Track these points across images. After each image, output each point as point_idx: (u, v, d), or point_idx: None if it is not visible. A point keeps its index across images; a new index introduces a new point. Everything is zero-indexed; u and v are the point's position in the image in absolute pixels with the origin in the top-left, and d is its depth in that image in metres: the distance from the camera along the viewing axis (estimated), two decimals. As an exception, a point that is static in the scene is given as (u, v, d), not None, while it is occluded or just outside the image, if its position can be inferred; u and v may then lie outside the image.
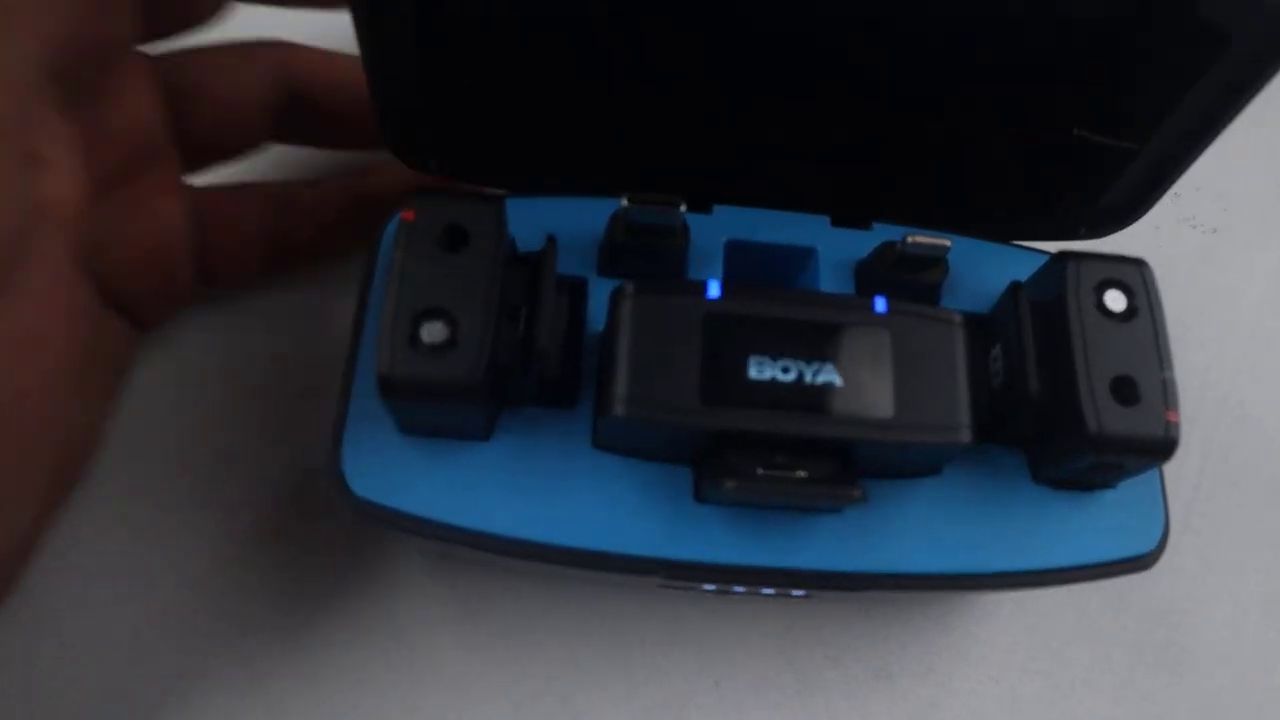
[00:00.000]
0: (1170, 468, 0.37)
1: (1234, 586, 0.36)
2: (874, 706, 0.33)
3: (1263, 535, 0.37)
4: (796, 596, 0.30)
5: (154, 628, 0.31)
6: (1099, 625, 0.34)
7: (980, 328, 0.27)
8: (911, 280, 0.27)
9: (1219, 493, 0.37)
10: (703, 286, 0.23)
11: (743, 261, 0.28)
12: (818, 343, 0.23)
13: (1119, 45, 0.25)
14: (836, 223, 0.29)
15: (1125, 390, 0.24)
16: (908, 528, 0.25)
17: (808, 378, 0.23)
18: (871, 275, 0.27)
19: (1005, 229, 0.30)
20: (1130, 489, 0.27)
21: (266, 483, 0.33)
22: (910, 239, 0.26)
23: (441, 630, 0.32)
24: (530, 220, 0.27)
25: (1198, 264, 0.42)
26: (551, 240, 0.24)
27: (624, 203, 0.25)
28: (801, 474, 0.23)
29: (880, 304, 0.24)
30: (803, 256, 0.28)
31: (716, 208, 0.28)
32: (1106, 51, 0.26)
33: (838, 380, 0.23)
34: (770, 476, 0.23)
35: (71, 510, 0.30)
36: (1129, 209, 0.29)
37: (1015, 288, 0.26)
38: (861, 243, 0.28)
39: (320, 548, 0.33)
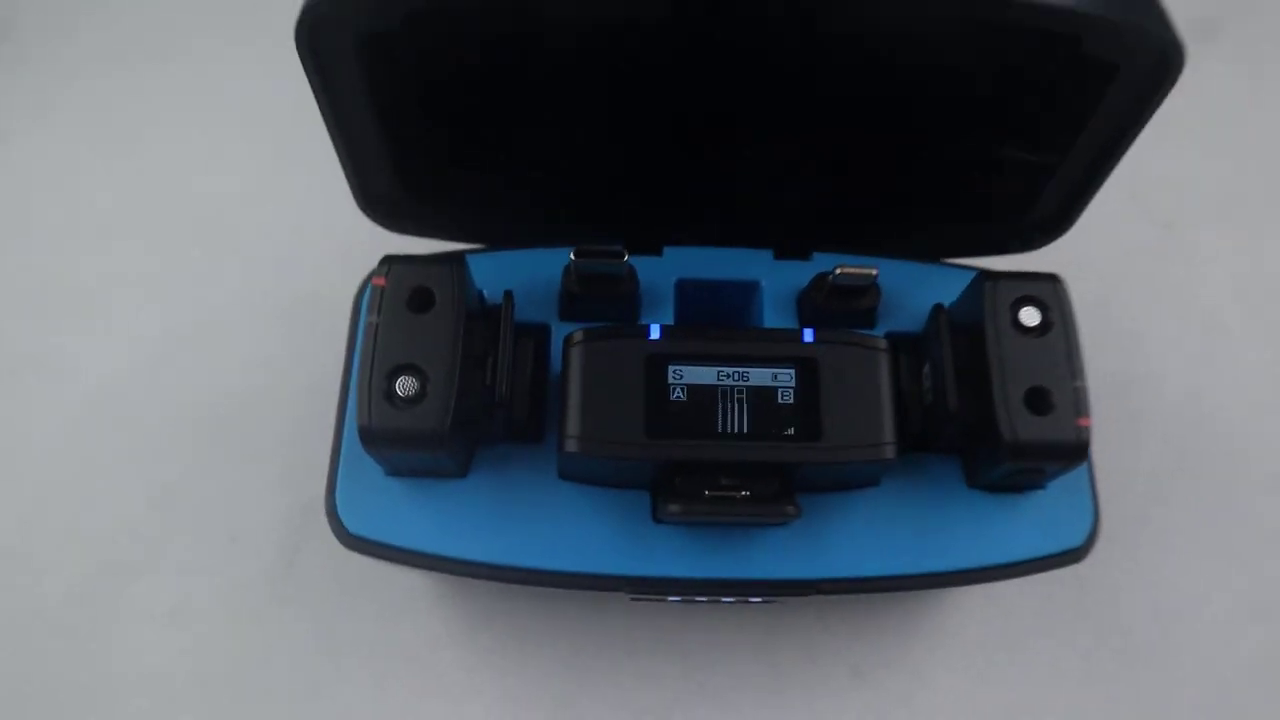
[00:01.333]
0: (1127, 461, 0.40)
1: (1190, 573, 0.37)
2: (851, 701, 0.35)
3: (1218, 524, 0.38)
4: (756, 603, 0.33)
5: (186, 651, 0.35)
6: (1061, 616, 0.36)
7: (914, 347, 0.29)
8: (847, 307, 0.30)
9: (1177, 484, 0.39)
10: (645, 330, 0.26)
11: (693, 298, 0.31)
12: (751, 375, 0.26)
13: (1027, 78, 0.27)
14: (779, 256, 0.31)
15: (1039, 400, 0.26)
16: (850, 535, 0.28)
17: (743, 408, 0.26)
18: (811, 304, 0.30)
19: (941, 248, 0.32)
20: (1059, 488, 0.29)
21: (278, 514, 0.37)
22: (839, 270, 0.28)
23: (444, 644, 0.35)
24: (496, 273, 0.29)
25: (1154, 258, 0.44)
26: (508, 296, 0.27)
27: (572, 256, 0.27)
28: (745, 494, 0.26)
29: (808, 335, 0.26)
30: (748, 290, 0.31)
31: (667, 249, 0.31)
32: (1018, 83, 0.28)
33: (771, 408, 0.26)
34: (714, 498, 0.25)
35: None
36: (1056, 222, 0.31)
37: (937, 309, 0.28)
38: (803, 273, 0.31)
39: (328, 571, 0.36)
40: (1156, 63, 0.25)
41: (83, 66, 0.48)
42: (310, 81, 0.25)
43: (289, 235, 0.42)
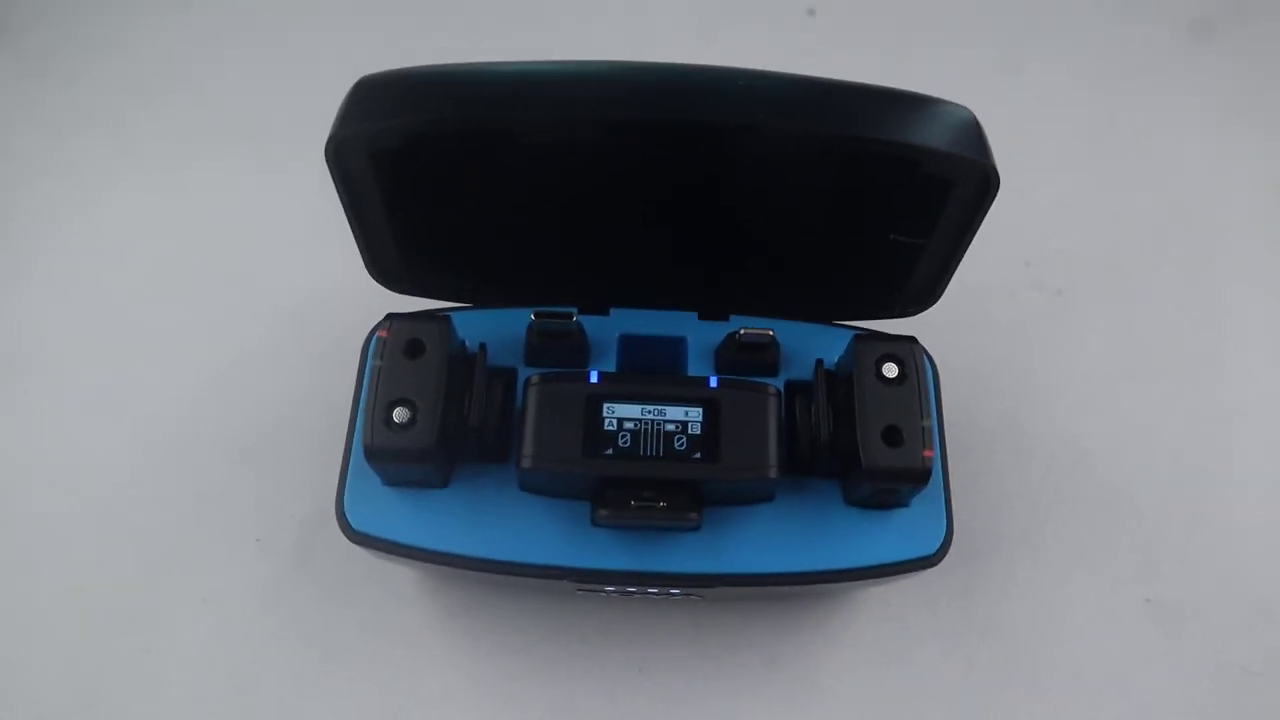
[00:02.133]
0: (1015, 491, 0.47)
1: (1063, 586, 0.44)
2: (766, 686, 0.42)
3: (1088, 543, 0.45)
4: (676, 595, 0.40)
5: (218, 630, 0.42)
6: (947, 616, 0.43)
7: (808, 391, 0.37)
8: (753, 360, 0.37)
9: (1055, 511, 0.46)
10: (586, 375, 0.34)
11: (633, 350, 0.38)
12: (667, 411, 0.33)
13: (885, 186, 0.35)
14: (703, 317, 0.39)
15: (893, 436, 0.34)
16: (749, 540, 0.35)
17: (660, 437, 0.33)
18: (725, 357, 0.38)
19: (834, 313, 0.40)
20: (920, 506, 0.36)
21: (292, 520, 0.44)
22: (743, 331, 0.36)
23: (426, 630, 0.42)
24: (476, 327, 0.37)
25: (1045, 321, 0.52)
26: (482, 347, 0.35)
27: (532, 317, 0.35)
28: (663, 504, 0.33)
29: (713, 381, 0.34)
30: (677, 344, 0.38)
31: (614, 310, 0.39)
32: (879, 189, 0.35)
33: (682, 437, 0.33)
34: (638, 507, 0.33)
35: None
36: (927, 293, 0.39)
37: (817, 364, 0.36)
38: (720, 331, 0.38)
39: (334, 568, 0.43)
40: (979, 182, 0.32)
41: (117, 97, 0.56)
42: (336, 187, 0.33)
43: (311, 292, 0.50)
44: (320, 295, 0.50)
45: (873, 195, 0.36)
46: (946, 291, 0.38)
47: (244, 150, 0.56)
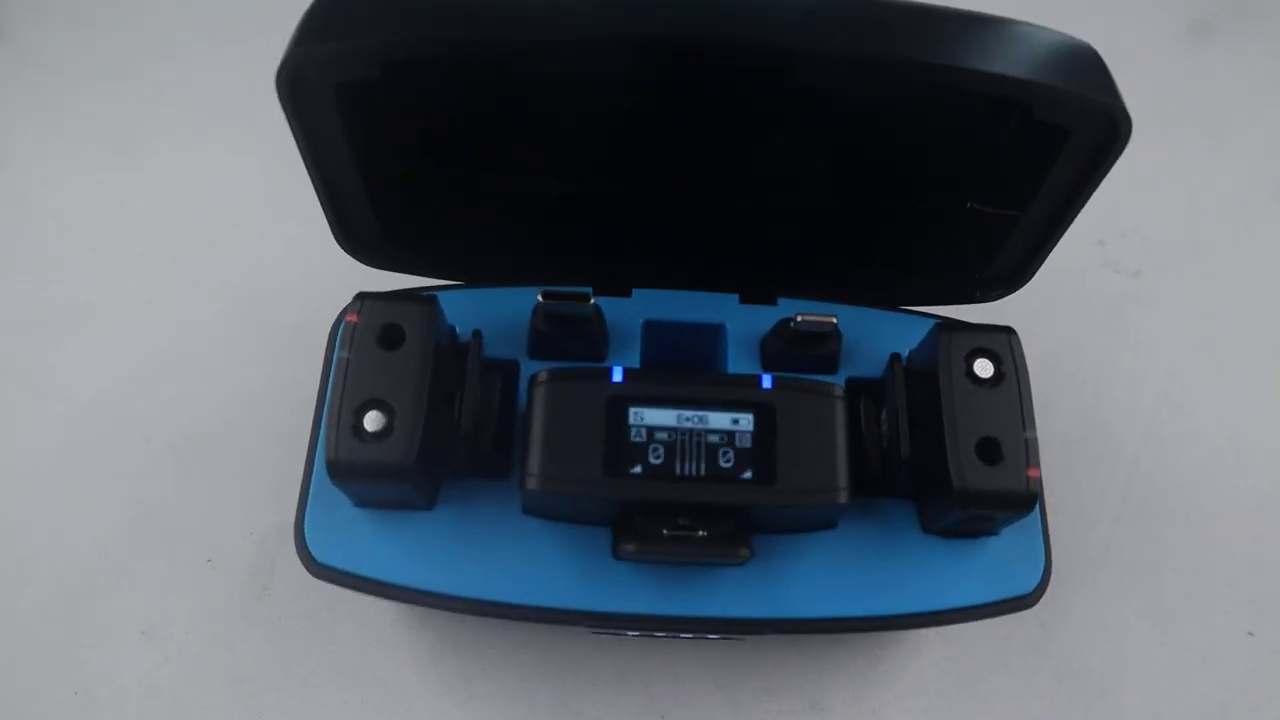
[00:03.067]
0: (1096, 505, 0.41)
1: (1150, 612, 0.38)
2: (810, 735, 0.36)
3: (1180, 567, 0.39)
4: (715, 638, 0.33)
5: (159, 670, 0.35)
6: (1021, 655, 0.37)
7: (875, 391, 0.30)
8: (808, 352, 0.30)
9: (1140, 524, 0.40)
10: (608, 372, 0.27)
11: (660, 339, 0.31)
12: (710, 419, 0.27)
13: (983, 140, 0.28)
14: (745, 300, 0.32)
15: (990, 450, 0.27)
16: (804, 577, 0.28)
17: (701, 450, 0.26)
18: (774, 349, 0.31)
19: (904, 297, 0.33)
20: (1012, 535, 0.30)
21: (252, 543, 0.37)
22: (800, 317, 0.29)
23: (410, 670, 0.35)
24: (469, 309, 0.30)
25: (1121, 305, 0.45)
26: (476, 335, 0.28)
27: (539, 298, 0.28)
28: (703, 534, 0.26)
29: (767, 381, 0.27)
30: (714, 333, 0.32)
31: (636, 291, 0.32)
32: (975, 144, 0.29)
33: (728, 451, 0.26)
34: (672, 538, 0.26)
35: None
36: (1016, 274, 0.32)
37: (893, 359, 0.29)
38: (768, 317, 0.31)
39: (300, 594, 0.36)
40: (1105, 129, 0.26)
41: (81, 83, 0.49)
42: (290, 126, 0.26)
43: (274, 263, 0.43)
44: (286, 266, 0.43)
45: (959, 151, 0.29)
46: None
47: (192, 98, 0.48)
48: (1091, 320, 0.44)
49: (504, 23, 0.24)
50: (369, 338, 0.27)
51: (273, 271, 0.43)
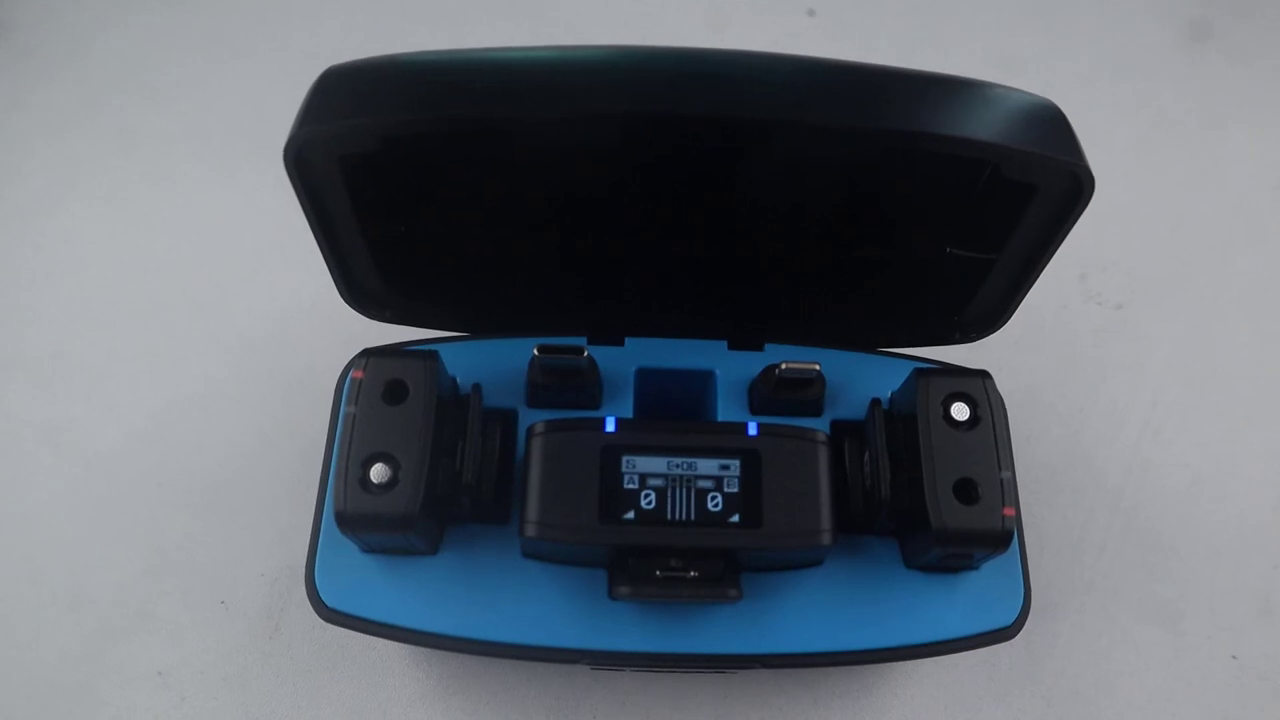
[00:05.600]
0: (1077, 529, 0.42)
1: (1138, 643, 0.39)
2: (806, 764, 0.37)
3: (1165, 594, 0.40)
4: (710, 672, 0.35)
5: (176, 709, 0.36)
6: (1011, 681, 0.38)
7: (858, 433, 0.32)
8: (794, 397, 0.32)
9: (1124, 552, 0.41)
10: (601, 422, 0.28)
11: (652, 385, 0.33)
12: (699, 465, 0.28)
13: (954, 194, 0.30)
14: (733, 346, 0.33)
15: (967, 491, 0.28)
16: (793, 613, 0.30)
17: (690, 496, 0.28)
18: (761, 393, 0.32)
19: (887, 340, 0.34)
20: (993, 569, 0.31)
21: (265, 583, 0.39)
22: (784, 365, 0.31)
23: (419, 707, 0.36)
24: (469, 361, 0.32)
25: (1104, 338, 0.46)
26: (476, 389, 0.29)
27: (535, 353, 0.30)
28: (694, 574, 0.28)
29: (752, 428, 0.28)
30: (704, 379, 0.33)
31: (629, 340, 0.33)
32: (947, 197, 0.30)
33: (717, 496, 0.28)
34: (664, 579, 0.27)
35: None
36: (994, 315, 0.34)
37: (874, 405, 0.30)
38: (755, 363, 0.33)
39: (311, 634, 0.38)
40: (1069, 186, 0.27)
41: (92, 139, 0.51)
42: (297, 196, 0.27)
43: (282, 313, 0.44)
44: (294, 316, 0.44)
45: (934, 203, 0.30)
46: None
47: (202, 154, 0.50)
48: (1074, 352, 0.45)
49: (496, 99, 0.25)
50: (374, 393, 0.28)
51: (281, 321, 0.44)
